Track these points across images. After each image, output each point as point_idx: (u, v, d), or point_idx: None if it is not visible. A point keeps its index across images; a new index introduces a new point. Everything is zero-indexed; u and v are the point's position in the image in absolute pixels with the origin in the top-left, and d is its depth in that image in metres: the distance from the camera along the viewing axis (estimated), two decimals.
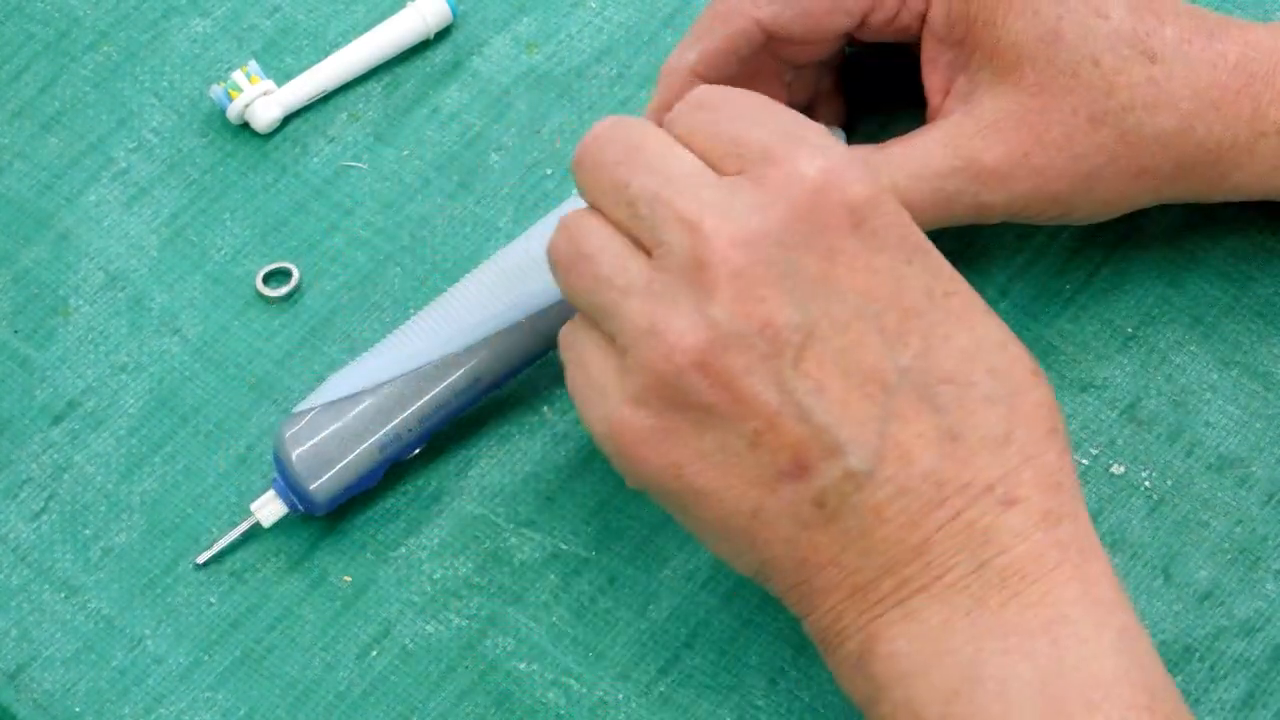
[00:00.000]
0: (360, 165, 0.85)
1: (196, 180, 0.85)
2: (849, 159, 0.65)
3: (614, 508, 0.76)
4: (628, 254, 0.65)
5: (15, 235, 0.84)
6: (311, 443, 0.74)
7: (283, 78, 0.87)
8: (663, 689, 0.73)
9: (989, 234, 0.80)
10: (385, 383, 0.75)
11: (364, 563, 0.76)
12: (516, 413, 0.78)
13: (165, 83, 0.87)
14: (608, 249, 0.65)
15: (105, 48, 0.88)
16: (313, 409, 0.75)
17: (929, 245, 0.65)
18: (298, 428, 0.75)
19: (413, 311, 0.79)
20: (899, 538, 0.64)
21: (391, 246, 0.83)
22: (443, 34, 0.88)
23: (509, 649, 0.74)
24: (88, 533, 0.77)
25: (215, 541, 0.76)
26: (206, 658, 0.75)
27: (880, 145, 0.75)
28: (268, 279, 0.82)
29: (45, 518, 0.78)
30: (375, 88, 0.87)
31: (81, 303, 0.82)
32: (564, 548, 0.76)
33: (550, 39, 0.87)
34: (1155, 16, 0.73)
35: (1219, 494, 0.75)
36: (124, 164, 0.85)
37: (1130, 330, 0.78)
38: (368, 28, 0.87)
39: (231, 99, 0.85)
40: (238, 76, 0.85)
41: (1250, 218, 0.80)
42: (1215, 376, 0.77)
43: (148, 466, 0.79)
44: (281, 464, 0.75)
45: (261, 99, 0.85)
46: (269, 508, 0.76)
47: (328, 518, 0.76)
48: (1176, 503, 0.75)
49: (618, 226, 0.65)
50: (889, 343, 0.64)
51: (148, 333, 0.81)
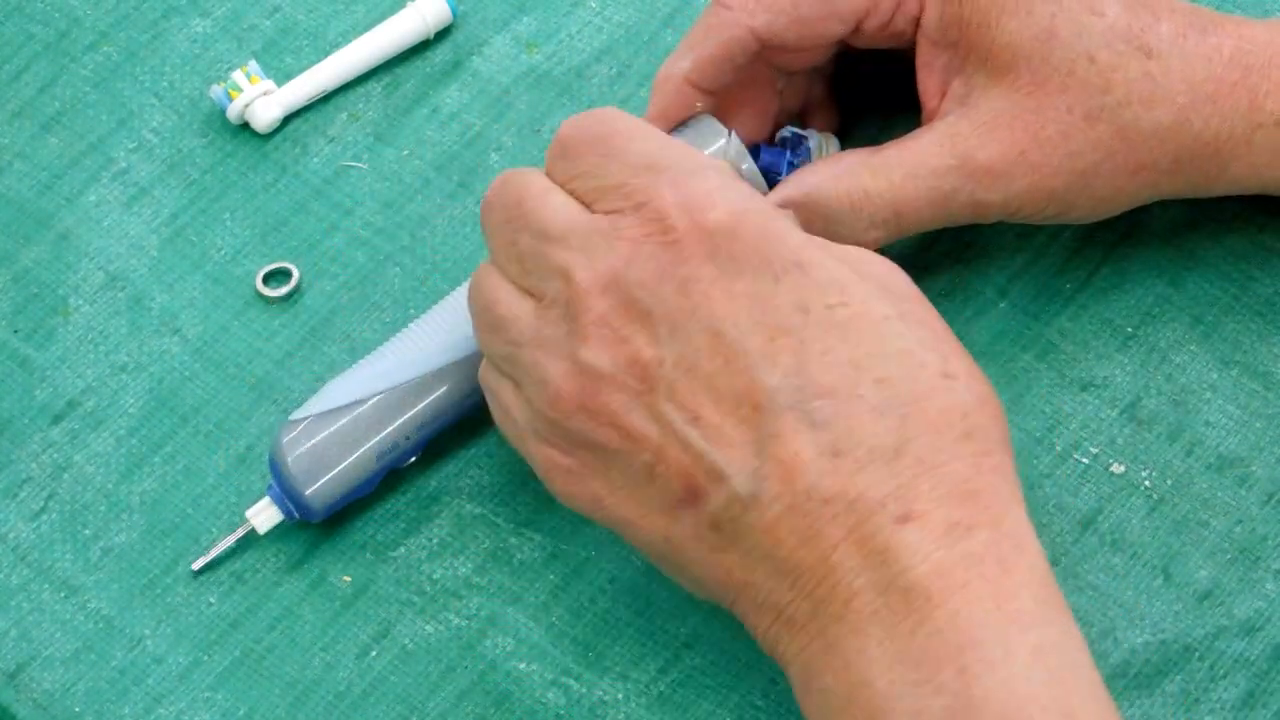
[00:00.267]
0: (360, 165, 0.85)
1: (196, 180, 0.85)
2: (709, 184, 0.66)
3: None
4: (520, 306, 0.68)
5: (15, 235, 0.84)
6: (308, 450, 0.74)
7: (283, 78, 0.87)
8: (662, 688, 0.73)
9: (989, 234, 0.80)
10: (382, 391, 0.75)
11: (363, 563, 0.76)
12: None
13: (165, 83, 0.87)
14: (503, 301, 0.69)
15: (105, 48, 0.88)
16: (309, 416, 0.75)
17: (810, 259, 0.65)
18: (294, 434, 0.75)
19: (413, 312, 0.79)
20: (798, 557, 0.64)
21: (391, 246, 0.83)
22: (443, 34, 0.88)
23: (508, 649, 0.74)
24: (87, 533, 0.77)
25: (211, 548, 0.76)
26: (206, 658, 0.75)
27: (876, 148, 0.75)
28: (268, 279, 0.82)
29: (45, 517, 0.78)
30: (375, 88, 0.87)
31: (81, 303, 0.82)
32: (564, 548, 0.76)
33: (550, 39, 0.87)
34: (1150, 13, 0.73)
35: (1219, 494, 0.75)
36: (124, 164, 0.85)
37: (1130, 329, 0.78)
38: (368, 28, 0.87)
39: (231, 99, 0.85)
40: (238, 76, 0.85)
41: (1250, 216, 0.80)
42: (1215, 376, 0.77)
43: (147, 466, 0.79)
44: (278, 471, 0.75)
45: (261, 99, 0.85)
46: (264, 514, 0.76)
47: (327, 519, 0.76)
48: (1176, 502, 0.75)
49: (514, 281, 0.69)
50: (756, 364, 0.64)
51: (147, 333, 0.81)
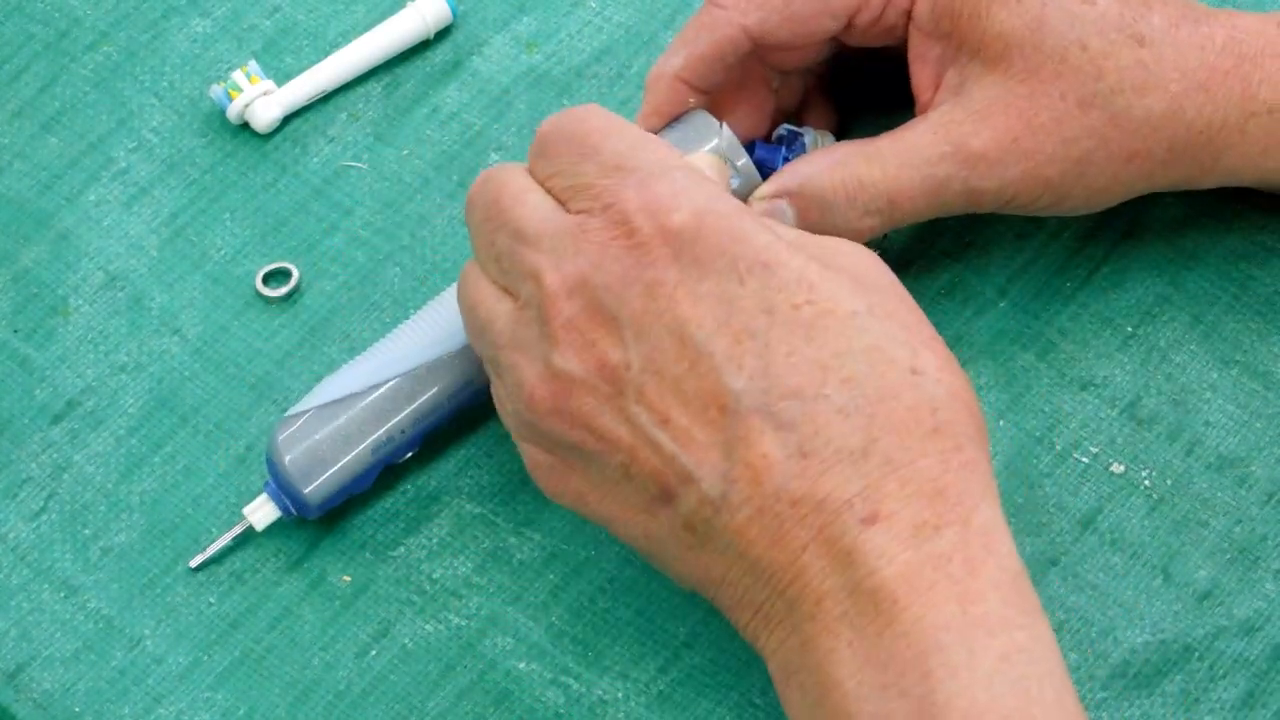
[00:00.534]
0: (360, 165, 0.85)
1: (196, 180, 0.85)
2: (674, 186, 0.66)
3: None
4: (499, 308, 0.69)
5: (15, 235, 0.84)
6: (304, 446, 0.74)
7: (283, 78, 0.87)
8: (662, 687, 0.73)
9: (989, 232, 0.80)
10: (378, 385, 0.75)
11: (363, 563, 0.76)
12: None
13: (165, 83, 0.88)
14: (484, 303, 0.69)
15: (105, 48, 0.89)
16: (304, 412, 0.75)
17: (775, 259, 0.65)
18: (290, 431, 0.75)
19: (412, 311, 0.79)
20: (770, 557, 0.64)
21: (391, 246, 0.83)
22: (443, 34, 0.88)
23: (508, 648, 0.74)
24: (87, 532, 0.77)
25: (209, 545, 0.76)
26: (206, 658, 0.75)
27: (871, 138, 0.75)
28: (267, 279, 0.82)
29: (45, 517, 0.78)
30: (375, 88, 0.87)
31: (81, 302, 0.82)
32: (563, 547, 0.76)
33: (550, 39, 0.87)
34: (1142, 4, 0.74)
35: (1219, 493, 0.75)
36: (124, 164, 0.85)
37: (1130, 329, 0.78)
38: (368, 28, 0.87)
39: (231, 99, 0.85)
40: (238, 76, 0.85)
41: (1250, 216, 0.80)
42: (1215, 375, 0.77)
43: (147, 466, 0.79)
44: (274, 467, 0.75)
45: (261, 99, 0.85)
46: (261, 511, 0.76)
47: (327, 518, 0.76)
48: (1176, 502, 0.75)
49: (494, 281, 0.69)
50: (721, 366, 0.64)
51: (147, 332, 0.81)
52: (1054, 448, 0.76)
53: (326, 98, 0.87)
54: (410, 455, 0.76)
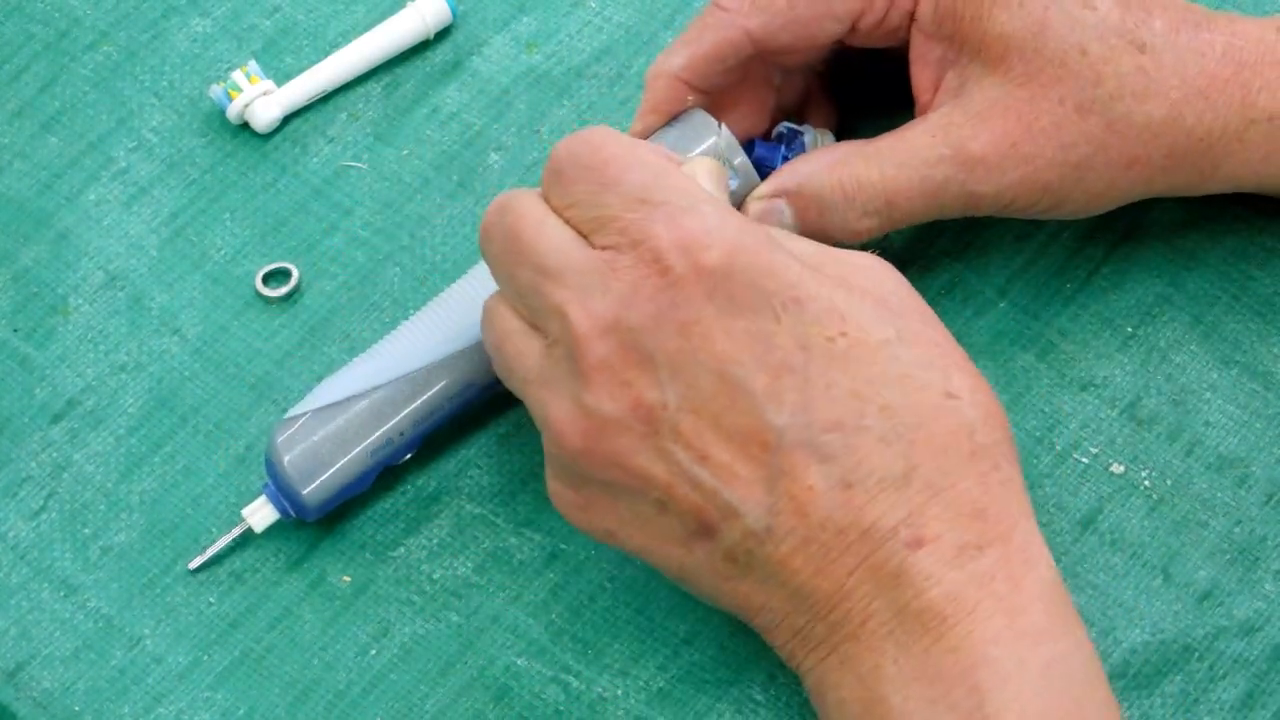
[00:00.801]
0: (360, 165, 0.85)
1: (196, 180, 0.85)
2: (706, 223, 0.65)
3: None
4: (527, 344, 0.68)
5: (15, 234, 0.84)
6: (303, 448, 0.74)
7: (283, 78, 0.87)
8: (661, 684, 0.73)
9: (989, 233, 0.80)
10: (377, 387, 0.75)
11: (363, 563, 0.76)
12: (515, 413, 0.78)
13: (165, 82, 0.88)
14: (511, 339, 0.69)
15: (105, 47, 0.89)
16: (303, 414, 0.75)
17: (806, 293, 0.65)
18: (289, 433, 0.75)
19: (412, 312, 0.79)
20: (814, 585, 0.65)
21: (391, 246, 0.83)
22: (442, 34, 0.88)
23: (508, 646, 0.74)
24: (87, 532, 0.77)
25: (208, 546, 0.76)
26: (206, 657, 0.75)
27: (870, 139, 0.75)
28: (267, 279, 0.82)
29: (44, 516, 0.78)
30: (375, 88, 0.87)
31: (81, 302, 0.82)
32: (563, 547, 0.76)
33: (550, 39, 0.87)
34: (1143, 9, 0.74)
35: (1219, 494, 0.75)
36: (124, 163, 0.85)
37: (1130, 329, 0.78)
38: (368, 28, 0.87)
39: (231, 99, 0.85)
40: (238, 76, 0.85)
41: (1250, 217, 0.80)
42: (1215, 376, 0.77)
43: (147, 466, 0.79)
44: (273, 469, 0.75)
45: (261, 99, 0.85)
46: (260, 513, 0.76)
47: (327, 519, 0.76)
48: (1176, 502, 0.75)
49: (520, 316, 0.69)
50: (762, 404, 0.64)
51: (147, 332, 0.81)
52: (1054, 448, 0.76)
53: (326, 98, 0.87)
54: (408, 458, 0.76)
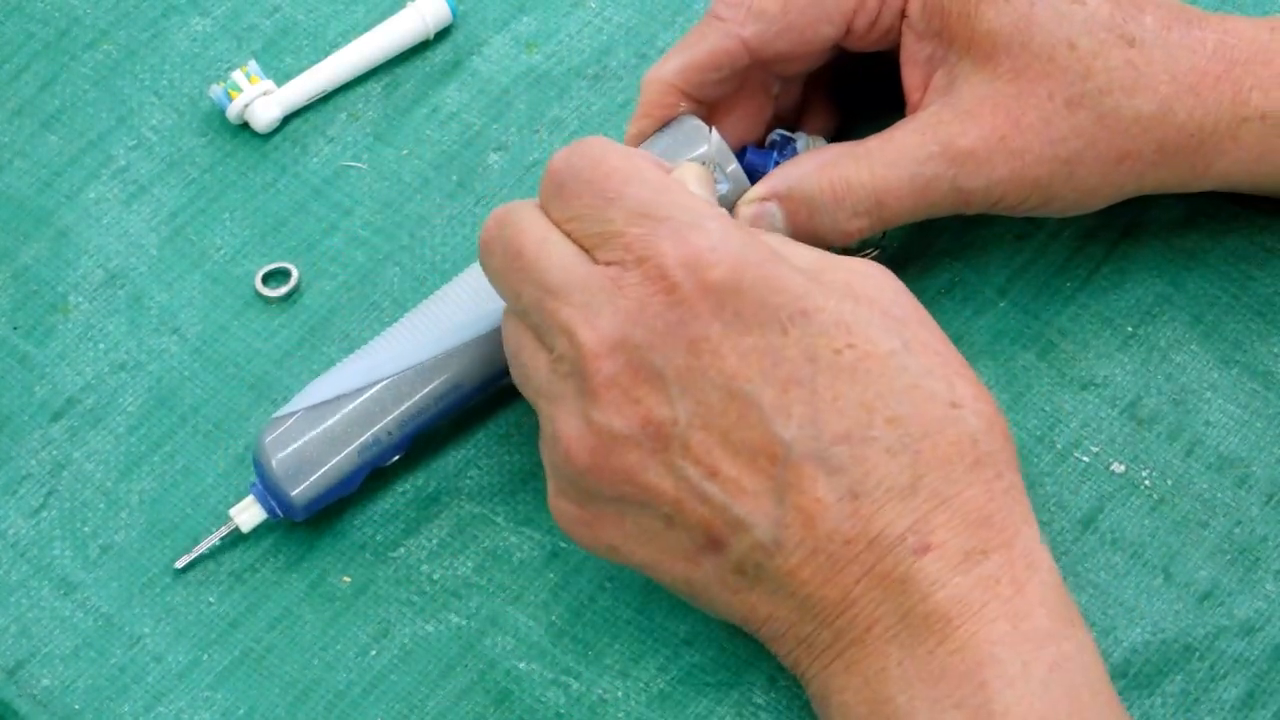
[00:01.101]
0: (360, 165, 0.85)
1: (196, 179, 0.85)
2: (711, 239, 0.66)
3: None
4: (538, 358, 0.68)
5: (15, 232, 0.84)
6: (292, 447, 0.74)
7: (283, 78, 0.87)
8: (662, 686, 0.73)
9: (989, 233, 0.80)
10: (366, 387, 0.75)
11: (363, 563, 0.76)
12: (514, 413, 0.78)
13: (165, 81, 0.88)
14: (525, 350, 0.69)
15: (105, 46, 0.89)
16: (294, 414, 0.75)
17: (812, 305, 0.65)
18: (278, 432, 0.75)
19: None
20: (821, 594, 0.65)
21: (391, 246, 0.83)
22: (442, 34, 0.88)
23: (508, 648, 0.74)
24: (86, 530, 0.77)
25: (195, 546, 0.76)
26: (205, 657, 0.75)
27: (860, 140, 0.75)
28: (267, 279, 0.82)
29: (44, 514, 0.78)
30: (375, 88, 0.87)
31: (81, 300, 0.82)
32: (563, 546, 0.76)
33: (550, 39, 0.87)
34: (1134, 5, 0.74)
35: (1219, 494, 0.75)
36: (124, 162, 0.85)
37: (1130, 329, 0.78)
38: (368, 28, 0.87)
39: (231, 99, 0.85)
40: (237, 76, 0.85)
41: (1250, 217, 0.80)
42: (1215, 375, 0.77)
43: (146, 465, 0.79)
44: (261, 468, 0.75)
45: (261, 99, 0.85)
46: (248, 513, 0.76)
47: (327, 519, 0.76)
48: (1176, 502, 0.75)
49: (530, 330, 0.69)
50: (771, 417, 0.65)
51: (147, 331, 0.81)
52: (1054, 447, 0.76)
53: (326, 98, 0.87)
54: (397, 459, 0.76)
